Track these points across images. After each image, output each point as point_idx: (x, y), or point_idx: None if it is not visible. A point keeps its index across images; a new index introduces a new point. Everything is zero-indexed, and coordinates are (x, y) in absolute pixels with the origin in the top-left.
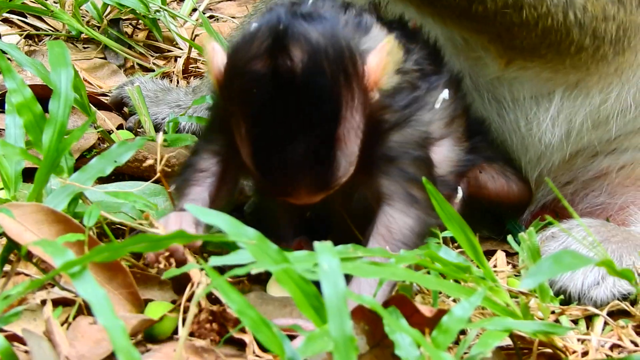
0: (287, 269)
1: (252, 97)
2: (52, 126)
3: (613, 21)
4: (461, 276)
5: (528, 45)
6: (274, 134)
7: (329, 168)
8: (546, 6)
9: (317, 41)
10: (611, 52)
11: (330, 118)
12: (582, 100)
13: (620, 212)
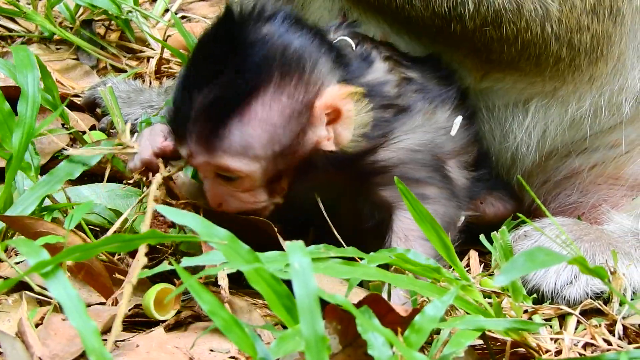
0: (259, 269)
1: (203, 39)
2: (21, 127)
3: (588, 32)
4: (434, 275)
5: (506, 59)
6: (197, 74)
7: (218, 130)
8: (525, 20)
9: (281, 33)
10: (586, 62)
11: (246, 90)
12: (557, 109)
13: (592, 211)
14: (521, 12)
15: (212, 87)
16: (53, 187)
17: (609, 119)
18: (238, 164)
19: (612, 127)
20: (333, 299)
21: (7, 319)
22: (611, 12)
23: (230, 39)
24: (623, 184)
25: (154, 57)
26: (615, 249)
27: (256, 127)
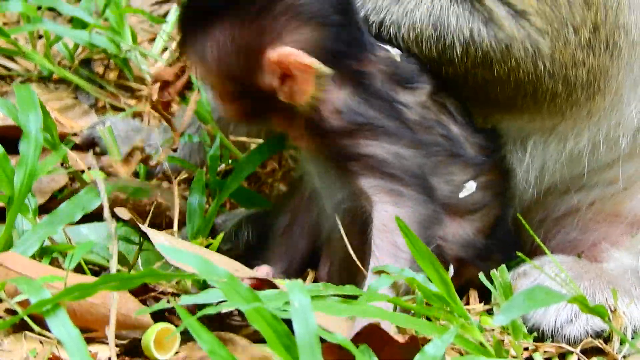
0: (259, 308)
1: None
2: (23, 168)
3: (583, 66)
4: (433, 313)
5: (504, 99)
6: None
7: (191, 29)
8: (515, 59)
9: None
10: (583, 97)
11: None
12: (556, 144)
13: (592, 248)
14: (510, 51)
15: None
16: (53, 229)
17: (607, 155)
18: (196, 60)
19: (610, 163)
20: (333, 338)
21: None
22: (607, 46)
23: None
24: (622, 221)
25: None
26: (615, 287)
27: (211, 44)
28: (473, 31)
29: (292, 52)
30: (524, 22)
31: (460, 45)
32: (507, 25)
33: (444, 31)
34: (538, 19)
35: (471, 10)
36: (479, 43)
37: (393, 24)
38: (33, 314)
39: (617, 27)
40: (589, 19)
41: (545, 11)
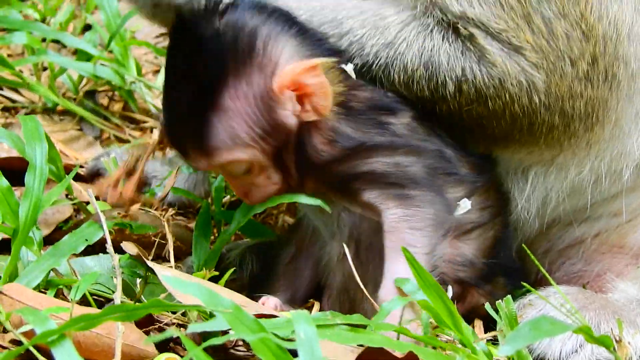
0: (264, 338)
1: (167, 55)
2: (28, 200)
3: (581, 98)
4: (440, 344)
5: (501, 133)
6: (170, 91)
7: (205, 133)
8: (509, 94)
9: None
10: (581, 128)
11: (211, 86)
12: (556, 175)
13: (597, 279)
14: (504, 86)
15: (183, 95)
16: (57, 261)
17: (610, 187)
18: (236, 154)
19: (614, 195)
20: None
21: None
22: (606, 77)
23: (185, 43)
24: (627, 252)
25: (157, 128)
26: (620, 318)
27: (234, 117)
28: (465, 69)
29: (292, 66)
30: (518, 58)
31: (453, 83)
32: (500, 61)
33: (435, 71)
34: (533, 54)
35: (463, 50)
36: (471, 80)
37: (381, 66)
38: (38, 345)
39: (616, 59)
40: (588, 51)
41: (542, 45)
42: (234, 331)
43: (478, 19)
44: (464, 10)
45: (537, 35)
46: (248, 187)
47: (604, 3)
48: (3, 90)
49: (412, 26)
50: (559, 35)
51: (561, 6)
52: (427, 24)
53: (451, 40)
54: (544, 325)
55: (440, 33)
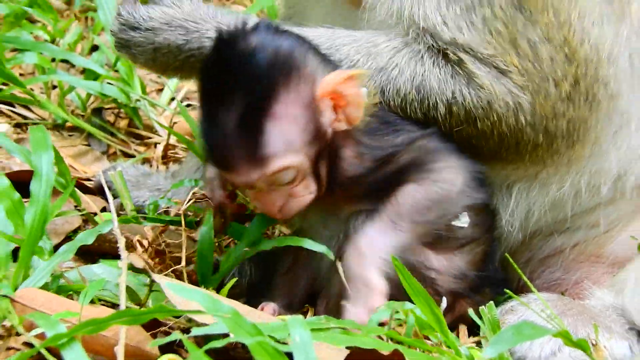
0: (262, 342)
1: (204, 77)
2: (34, 206)
3: (563, 118)
4: (426, 347)
5: (488, 151)
6: (216, 109)
7: (259, 140)
8: (497, 115)
9: (270, 39)
10: (563, 146)
11: (262, 96)
12: (539, 190)
13: (575, 287)
14: (492, 107)
15: (233, 108)
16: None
17: (589, 200)
18: (288, 161)
19: (592, 208)
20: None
21: None
22: (587, 98)
23: (229, 61)
24: (604, 261)
25: (160, 143)
26: (596, 323)
27: (285, 123)
28: (455, 92)
29: (333, 75)
30: (505, 81)
31: (444, 106)
32: (488, 84)
33: (427, 94)
34: (519, 77)
35: (452, 74)
36: (461, 102)
37: (376, 89)
38: (49, 347)
39: (597, 81)
40: (570, 73)
41: (528, 68)
42: (233, 335)
43: (467, 45)
44: (454, 36)
45: (523, 58)
46: (285, 199)
47: (586, 28)
48: (15, 107)
49: (404, 52)
50: (543, 58)
51: (546, 31)
52: (418, 50)
53: (441, 65)
54: (525, 329)
55: (431, 58)
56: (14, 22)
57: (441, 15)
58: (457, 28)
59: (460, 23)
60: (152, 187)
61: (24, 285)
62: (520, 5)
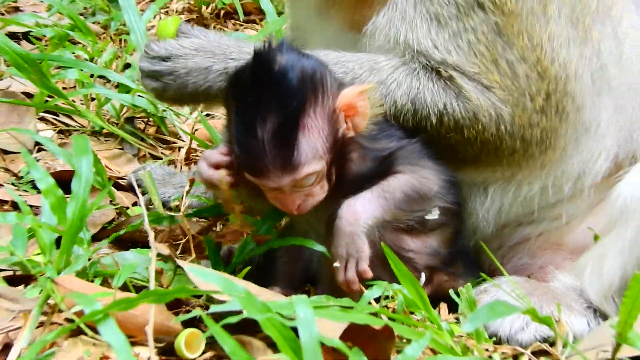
0: (271, 318)
1: (238, 92)
2: (75, 202)
3: (538, 127)
4: (412, 322)
5: (471, 156)
6: (253, 121)
7: (292, 150)
8: (481, 124)
9: (296, 59)
10: (537, 152)
11: (295, 110)
12: (514, 191)
13: (540, 271)
14: (477, 118)
15: (270, 120)
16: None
17: (553, 197)
18: (314, 167)
19: (556, 203)
20: (331, 342)
21: (68, 358)
22: (557, 110)
23: (264, 77)
24: (565, 249)
25: (184, 147)
26: (559, 302)
27: (313, 134)
28: (446, 104)
29: (349, 90)
30: (489, 94)
31: (435, 116)
32: (475, 97)
33: (420, 106)
34: (501, 91)
35: (444, 88)
36: (451, 113)
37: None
38: (87, 322)
39: (565, 95)
40: (543, 89)
41: (507, 84)
42: (246, 312)
43: (456, 64)
44: (444, 57)
45: (504, 76)
46: (303, 198)
47: (555, 49)
48: (59, 116)
49: (402, 69)
50: (520, 76)
51: (522, 52)
52: (414, 68)
53: (434, 80)
54: (498, 308)
55: (426, 75)
56: (58, 44)
57: (431, 40)
58: (446, 51)
59: (449, 47)
60: (176, 184)
61: (66, 270)
62: (499, 31)
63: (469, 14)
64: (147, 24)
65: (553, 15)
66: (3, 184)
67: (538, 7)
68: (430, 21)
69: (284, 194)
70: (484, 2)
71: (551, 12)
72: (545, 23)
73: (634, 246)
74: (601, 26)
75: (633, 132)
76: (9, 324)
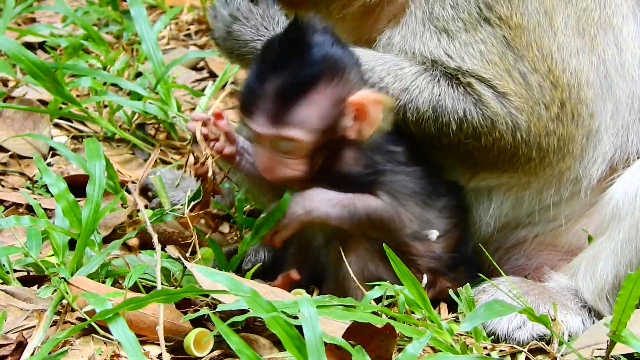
0: (276, 317)
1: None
2: (89, 206)
3: (554, 135)
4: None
5: (487, 163)
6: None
7: (287, 107)
8: (498, 132)
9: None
10: (555, 159)
11: (307, 80)
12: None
13: (536, 272)
14: (495, 126)
15: (281, 76)
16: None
17: (552, 200)
18: (298, 133)
19: (553, 205)
20: (335, 340)
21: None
22: (573, 117)
23: (294, 42)
24: (560, 250)
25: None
26: (555, 302)
27: (313, 108)
28: (466, 111)
29: (367, 92)
30: (505, 102)
31: (455, 123)
32: (492, 104)
33: (441, 112)
34: (517, 99)
35: (464, 94)
36: (470, 120)
37: (400, 107)
38: (98, 321)
39: (580, 102)
40: (557, 97)
41: (522, 93)
42: (252, 311)
43: (471, 70)
44: (459, 65)
45: (518, 85)
46: (276, 163)
47: (566, 59)
48: (72, 123)
49: (424, 76)
50: (533, 86)
51: (533, 63)
52: (435, 75)
53: (455, 86)
54: (496, 307)
55: (446, 82)
56: (72, 53)
57: (443, 50)
58: (459, 58)
59: (462, 54)
60: (185, 188)
61: (80, 271)
62: (508, 44)
63: (476, 28)
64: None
65: (560, 27)
66: (19, 187)
67: (544, 19)
68: (440, 34)
69: (264, 150)
70: (489, 17)
71: (557, 24)
72: (553, 34)
73: (626, 247)
74: (604, 35)
75: (628, 136)
76: (23, 323)
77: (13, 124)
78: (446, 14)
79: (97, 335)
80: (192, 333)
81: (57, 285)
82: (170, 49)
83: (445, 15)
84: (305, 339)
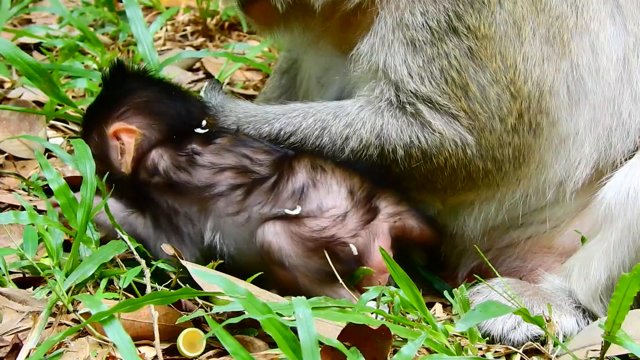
0: (271, 319)
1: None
2: (82, 208)
3: (509, 146)
4: (408, 322)
5: (446, 184)
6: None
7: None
8: (447, 151)
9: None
10: (511, 169)
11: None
12: (496, 205)
13: (531, 273)
14: (444, 146)
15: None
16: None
17: (536, 202)
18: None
19: (540, 207)
20: (329, 342)
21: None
22: (530, 127)
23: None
24: (554, 252)
25: None
26: (549, 303)
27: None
28: (412, 137)
29: (117, 123)
30: (455, 124)
31: (402, 149)
32: (440, 129)
33: (385, 141)
34: (466, 120)
35: (408, 123)
36: (417, 145)
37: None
38: (94, 323)
39: (540, 112)
40: (515, 108)
41: (475, 109)
42: (247, 312)
43: (427, 96)
44: (417, 88)
45: (472, 101)
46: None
47: (529, 69)
48: (68, 124)
49: (367, 109)
50: (491, 99)
51: (495, 74)
52: (379, 107)
53: (398, 116)
54: (490, 308)
55: (389, 112)
56: (68, 54)
57: (407, 67)
58: (420, 79)
59: (423, 74)
60: None
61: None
62: (472, 55)
63: (443, 39)
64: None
65: (527, 36)
66: (14, 189)
67: (512, 30)
68: (407, 46)
69: None
70: (457, 26)
71: (526, 34)
72: (520, 44)
73: (618, 248)
74: (579, 40)
75: (612, 139)
76: (19, 325)
77: (9, 126)
78: (416, 21)
79: (93, 337)
80: (182, 334)
81: (52, 287)
82: (167, 50)
83: (414, 22)
84: (300, 341)
